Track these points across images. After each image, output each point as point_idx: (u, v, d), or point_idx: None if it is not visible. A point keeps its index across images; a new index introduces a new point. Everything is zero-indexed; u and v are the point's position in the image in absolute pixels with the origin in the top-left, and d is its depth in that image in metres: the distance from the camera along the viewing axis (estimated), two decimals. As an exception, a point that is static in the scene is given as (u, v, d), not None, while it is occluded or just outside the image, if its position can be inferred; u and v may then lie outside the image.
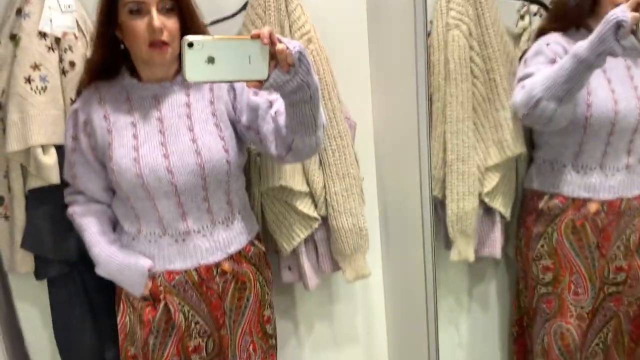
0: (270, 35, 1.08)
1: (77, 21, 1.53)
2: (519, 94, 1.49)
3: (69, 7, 1.51)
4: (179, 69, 1.39)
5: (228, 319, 1.48)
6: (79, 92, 1.45)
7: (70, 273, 1.62)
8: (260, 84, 1.12)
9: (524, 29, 1.73)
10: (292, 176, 1.61)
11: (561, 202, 1.59)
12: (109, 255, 1.39)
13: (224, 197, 1.42)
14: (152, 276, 1.40)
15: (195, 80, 1.09)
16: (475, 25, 1.61)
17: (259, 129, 1.37)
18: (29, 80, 1.47)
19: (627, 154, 1.52)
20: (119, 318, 1.47)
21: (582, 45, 1.35)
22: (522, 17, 1.74)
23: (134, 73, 1.40)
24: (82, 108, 1.40)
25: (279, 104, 1.34)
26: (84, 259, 1.59)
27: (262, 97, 1.38)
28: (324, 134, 1.39)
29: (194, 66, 1.06)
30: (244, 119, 1.39)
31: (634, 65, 1.52)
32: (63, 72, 1.52)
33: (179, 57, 1.34)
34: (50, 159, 1.50)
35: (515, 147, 1.64)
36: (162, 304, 1.40)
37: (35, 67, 1.48)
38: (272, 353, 1.59)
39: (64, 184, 1.52)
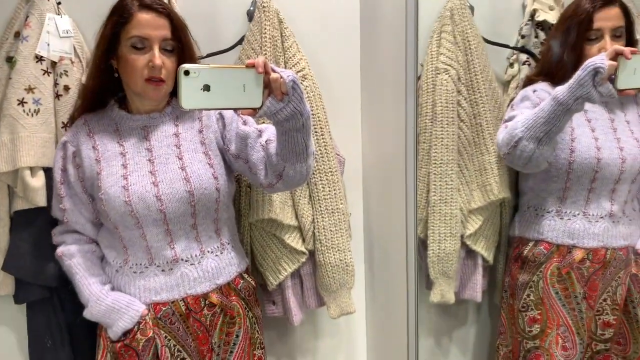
0: (265, 65, 1.12)
1: (74, 46, 1.55)
2: (502, 133, 1.53)
3: (67, 32, 1.54)
4: (169, 102, 1.42)
5: (215, 356, 1.44)
6: (72, 118, 1.46)
7: (50, 298, 1.59)
8: (254, 112, 1.15)
9: (513, 77, 1.78)
10: (281, 209, 1.62)
11: (546, 249, 1.60)
12: (99, 298, 1.37)
13: (212, 225, 1.43)
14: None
15: (191, 108, 1.12)
16: (464, 70, 1.65)
17: (248, 157, 1.39)
18: (22, 102, 1.48)
19: (610, 203, 1.55)
20: (98, 356, 1.42)
21: (561, 89, 1.39)
22: (511, 65, 1.79)
23: (123, 105, 1.42)
24: (71, 140, 1.40)
25: (270, 133, 1.36)
26: (64, 286, 1.59)
27: (251, 127, 1.41)
28: (314, 162, 1.41)
29: (189, 93, 1.09)
30: (232, 147, 1.41)
31: (617, 117, 1.57)
32: (57, 96, 1.53)
33: (170, 92, 1.38)
34: (37, 181, 1.50)
35: (499, 191, 1.66)
36: (142, 342, 1.36)
37: (30, 89, 1.49)
38: None
39: (52, 222, 1.51)
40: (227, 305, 1.44)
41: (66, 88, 1.53)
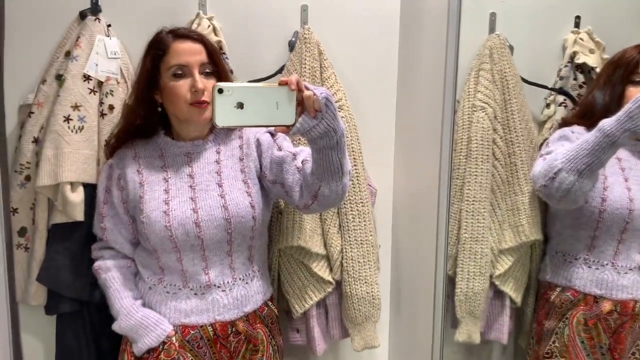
0: (298, 82, 1.13)
1: (120, 68, 1.61)
2: (539, 165, 1.50)
3: (115, 54, 1.59)
4: (212, 130, 1.46)
5: None
6: (112, 148, 1.48)
7: (80, 312, 1.63)
8: (287, 129, 1.17)
9: (549, 117, 1.77)
10: (311, 237, 1.63)
11: (573, 296, 1.57)
12: (129, 312, 1.40)
13: (246, 252, 1.45)
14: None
15: (224, 125, 1.14)
16: (501, 109, 1.65)
17: (284, 181, 1.41)
18: (67, 119, 1.54)
19: None
20: None
21: (609, 121, 1.36)
22: (547, 106, 1.78)
23: (168, 132, 1.46)
24: (117, 163, 1.44)
25: (306, 154, 1.38)
26: (95, 300, 1.62)
27: (285, 151, 1.43)
28: (349, 182, 1.41)
29: (223, 111, 1.12)
30: (269, 174, 1.44)
31: None
32: (101, 115, 1.58)
33: None
34: (77, 196, 1.55)
35: (531, 233, 1.64)
36: None
37: (76, 107, 1.55)
38: None
39: (88, 236, 1.55)
40: (251, 334, 1.45)
41: (111, 107, 1.58)
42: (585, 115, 1.59)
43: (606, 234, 1.53)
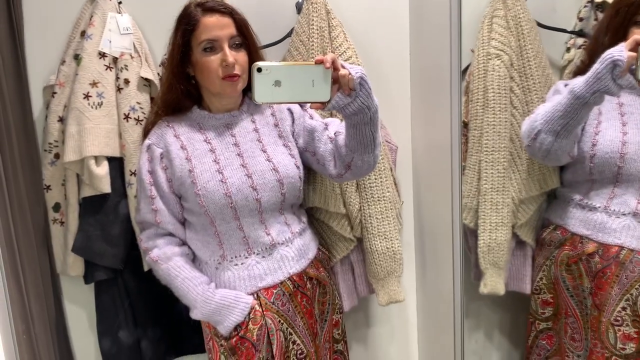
0: (334, 61, 1.19)
1: (133, 43, 1.65)
2: (524, 124, 1.50)
3: (127, 29, 1.63)
4: (243, 100, 1.48)
5: (318, 327, 1.54)
6: (150, 124, 1.49)
7: (115, 279, 1.72)
8: (322, 106, 1.23)
9: (570, 61, 1.71)
10: (329, 197, 1.65)
11: (562, 235, 1.56)
12: (207, 298, 1.40)
13: (293, 209, 1.52)
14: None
15: (264, 102, 1.22)
16: (517, 56, 1.60)
17: (315, 150, 1.46)
18: (87, 96, 1.59)
19: (637, 200, 1.45)
20: (212, 358, 1.46)
21: (578, 83, 1.34)
22: (568, 50, 1.72)
23: (200, 106, 1.48)
24: (156, 142, 1.44)
25: (337, 125, 1.44)
26: (127, 267, 1.70)
27: (317, 121, 1.48)
28: (380, 152, 1.46)
29: (262, 89, 1.19)
30: (301, 141, 1.49)
31: None
32: (118, 89, 1.63)
33: (243, 90, 1.44)
34: (102, 169, 1.62)
35: (551, 180, 1.62)
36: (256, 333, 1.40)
37: (94, 84, 1.60)
38: (337, 357, 1.63)
39: (116, 208, 1.62)
40: (319, 277, 1.53)
41: (126, 81, 1.62)
42: (592, 62, 1.53)
43: (601, 178, 1.49)
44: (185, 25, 1.37)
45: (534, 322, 1.66)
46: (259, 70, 1.18)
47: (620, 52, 1.26)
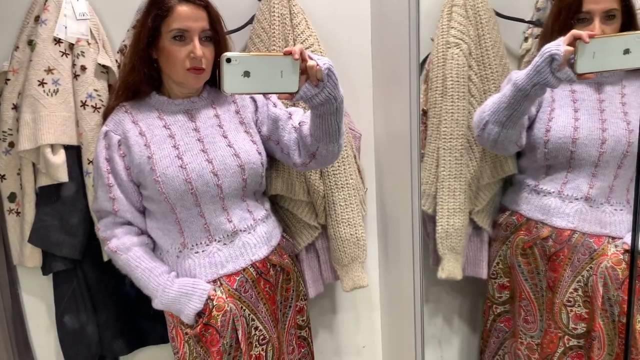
0: (301, 52, 1.20)
1: (90, 29, 1.61)
2: (475, 115, 1.54)
3: (83, 15, 1.59)
4: (204, 87, 1.47)
5: (280, 313, 1.55)
6: (109, 109, 1.47)
7: (74, 269, 1.69)
8: (291, 96, 1.24)
9: (527, 51, 1.75)
10: (293, 185, 1.66)
11: (517, 220, 1.61)
12: (165, 287, 1.39)
13: (256, 196, 1.52)
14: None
15: (233, 92, 1.23)
16: (475, 45, 1.63)
17: (279, 138, 1.46)
18: (42, 83, 1.56)
19: (589, 185, 1.50)
20: (176, 346, 1.46)
21: (520, 75, 1.39)
22: (525, 39, 1.76)
23: (160, 91, 1.46)
24: (114, 129, 1.42)
25: (301, 115, 1.46)
26: (87, 257, 1.67)
27: (281, 109, 1.49)
28: (344, 141, 1.48)
29: (231, 79, 1.19)
30: (264, 129, 1.49)
31: (610, 99, 1.51)
32: (75, 76, 1.60)
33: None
34: (58, 158, 1.58)
35: (508, 167, 1.65)
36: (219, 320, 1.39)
37: (49, 70, 1.56)
38: (300, 344, 1.65)
39: (74, 197, 1.58)
40: (283, 263, 1.54)
41: (83, 68, 1.59)
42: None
43: (555, 163, 1.53)
44: (158, 10, 1.35)
45: (491, 306, 1.71)
46: (228, 60, 1.18)
47: (557, 46, 1.30)
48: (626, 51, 1.27)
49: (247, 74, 1.19)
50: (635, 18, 1.46)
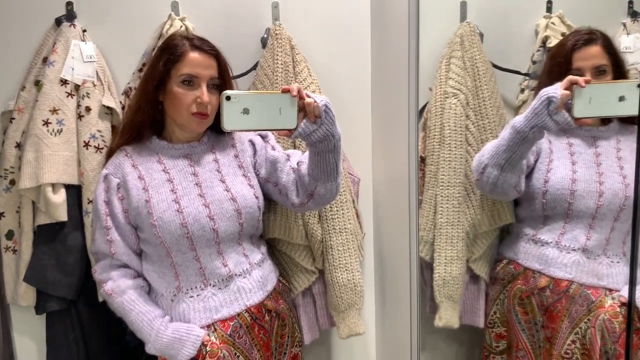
0: (299, 90, 1.24)
1: (96, 71, 1.64)
2: (474, 160, 1.57)
3: (91, 57, 1.63)
4: (205, 132, 1.49)
5: (274, 359, 1.53)
6: (111, 151, 1.49)
7: (68, 310, 1.67)
8: (289, 133, 1.27)
9: (524, 102, 1.78)
10: (291, 229, 1.66)
11: (515, 269, 1.61)
12: (159, 332, 1.38)
13: (252, 239, 1.52)
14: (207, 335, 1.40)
15: (232, 129, 1.26)
16: (473, 95, 1.67)
17: (278, 180, 1.48)
18: (46, 122, 1.58)
19: (586, 237, 1.51)
20: None
21: (519, 118, 1.42)
22: (522, 91, 1.79)
23: (161, 136, 1.48)
24: (113, 172, 1.43)
25: (299, 156, 1.47)
26: (82, 297, 1.66)
27: (279, 152, 1.51)
28: (342, 181, 1.49)
29: (230, 116, 1.23)
30: (262, 172, 1.51)
31: (606, 153, 1.54)
32: (79, 117, 1.62)
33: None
34: (59, 197, 1.59)
35: (505, 216, 1.66)
36: None
37: (54, 111, 1.59)
38: None
39: (72, 237, 1.59)
40: (278, 309, 1.52)
41: (88, 109, 1.62)
42: None
43: (553, 214, 1.55)
44: (170, 54, 1.39)
45: (488, 356, 1.69)
46: (228, 98, 1.22)
47: (555, 90, 1.34)
48: (621, 98, 1.31)
49: (246, 111, 1.22)
50: (624, 70, 1.51)
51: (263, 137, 1.54)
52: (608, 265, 1.50)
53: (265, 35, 1.71)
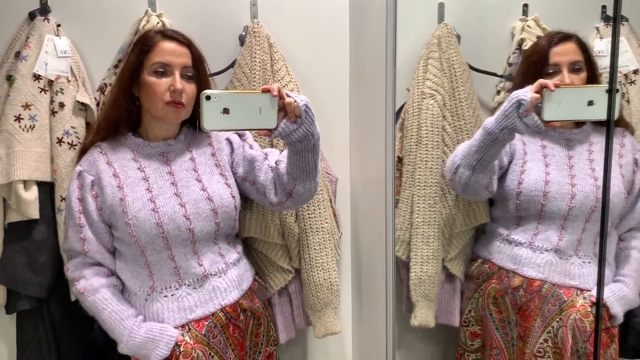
0: (279, 90, 1.23)
1: (71, 66, 1.62)
2: (448, 161, 1.59)
3: (65, 52, 1.60)
4: (181, 130, 1.48)
5: (248, 358, 1.52)
6: (85, 148, 1.45)
7: (39, 309, 1.64)
8: (269, 132, 1.27)
9: (499, 103, 1.80)
10: (267, 228, 1.65)
11: (489, 269, 1.63)
12: (132, 332, 1.36)
13: (228, 239, 1.51)
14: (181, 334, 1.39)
15: (212, 129, 1.25)
16: (450, 96, 1.68)
17: (255, 179, 1.47)
18: (18, 118, 1.55)
19: (558, 237, 1.54)
20: None
21: (490, 120, 1.44)
22: (498, 93, 1.82)
23: (137, 133, 1.46)
24: (87, 169, 1.40)
25: (277, 155, 1.47)
26: (53, 296, 1.63)
27: (257, 150, 1.50)
28: (320, 180, 1.49)
29: (210, 116, 1.22)
30: (240, 170, 1.49)
31: (578, 155, 1.57)
32: (52, 113, 1.59)
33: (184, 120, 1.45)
34: (31, 194, 1.56)
35: (480, 216, 1.68)
36: None
37: (26, 106, 1.56)
38: None
39: (44, 234, 1.56)
40: (254, 308, 1.52)
41: (61, 105, 1.59)
42: None
43: (526, 215, 1.57)
44: (142, 45, 1.38)
45: (463, 354, 1.71)
46: (208, 98, 1.21)
47: (525, 93, 1.36)
48: (590, 102, 1.33)
49: (226, 110, 1.22)
50: (597, 71, 1.55)
51: (240, 136, 1.53)
52: (579, 265, 1.53)
53: (244, 33, 1.70)
